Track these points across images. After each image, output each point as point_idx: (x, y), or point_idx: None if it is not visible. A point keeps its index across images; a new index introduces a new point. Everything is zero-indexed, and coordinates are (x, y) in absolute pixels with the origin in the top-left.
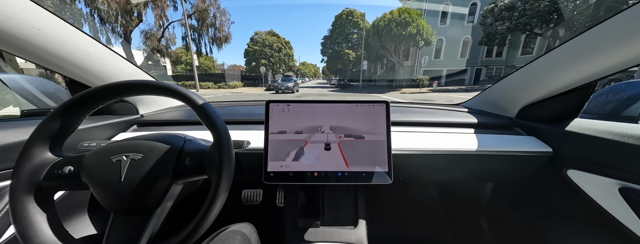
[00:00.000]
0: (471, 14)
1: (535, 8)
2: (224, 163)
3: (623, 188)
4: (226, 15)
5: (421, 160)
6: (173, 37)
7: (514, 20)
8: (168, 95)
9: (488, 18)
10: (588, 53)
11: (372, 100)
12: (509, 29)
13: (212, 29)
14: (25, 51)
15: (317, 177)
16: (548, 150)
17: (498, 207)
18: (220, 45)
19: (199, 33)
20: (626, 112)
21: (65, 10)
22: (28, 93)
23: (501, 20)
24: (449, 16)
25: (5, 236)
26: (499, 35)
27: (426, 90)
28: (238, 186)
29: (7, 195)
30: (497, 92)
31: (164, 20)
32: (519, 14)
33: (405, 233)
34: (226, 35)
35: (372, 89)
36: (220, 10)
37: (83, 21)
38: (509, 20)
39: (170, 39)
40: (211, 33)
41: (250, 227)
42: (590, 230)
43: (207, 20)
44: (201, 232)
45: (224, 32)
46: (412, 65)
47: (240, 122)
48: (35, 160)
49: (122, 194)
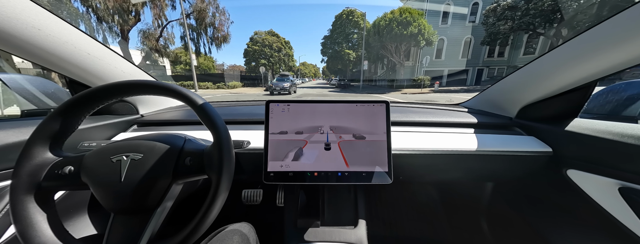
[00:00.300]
0: (473, 14)
1: (539, 7)
2: (224, 163)
3: (623, 188)
4: (225, 14)
5: (421, 160)
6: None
7: (516, 19)
8: (168, 95)
9: (490, 17)
10: (588, 53)
11: (372, 100)
12: (511, 29)
13: (211, 28)
14: (25, 51)
15: (317, 177)
16: (548, 149)
17: (498, 207)
18: (219, 45)
19: (198, 32)
20: (626, 111)
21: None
22: (28, 93)
23: (503, 19)
24: (450, 16)
25: (5, 236)
26: (501, 35)
27: (428, 91)
28: (238, 186)
29: (7, 195)
30: (497, 92)
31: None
32: (522, 13)
33: (405, 232)
34: (225, 35)
35: (372, 89)
36: (219, 10)
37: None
38: (512, 20)
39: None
40: (210, 32)
41: (249, 227)
42: (590, 230)
43: (206, 20)
44: (201, 232)
45: (223, 32)
46: (413, 66)
47: (240, 121)
48: (35, 159)
49: (122, 194)
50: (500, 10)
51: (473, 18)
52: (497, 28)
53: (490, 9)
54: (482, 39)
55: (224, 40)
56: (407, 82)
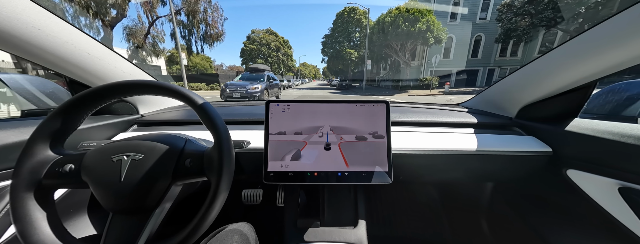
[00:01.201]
0: (484, 10)
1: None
2: (224, 165)
3: (623, 188)
4: (219, 10)
5: (421, 160)
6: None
7: (538, 13)
8: (168, 95)
9: (506, 13)
10: (588, 53)
11: (372, 100)
12: (532, 24)
13: (203, 25)
14: (25, 51)
15: (317, 177)
16: (548, 149)
17: (498, 207)
18: (212, 43)
19: (189, 30)
20: (626, 111)
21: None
22: (28, 93)
23: (522, 14)
24: (459, 12)
25: (5, 236)
26: (520, 31)
27: (437, 92)
28: (238, 186)
29: (7, 195)
30: (497, 92)
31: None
32: (544, 6)
33: (405, 233)
34: (219, 33)
35: (376, 91)
36: (212, 6)
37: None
38: (530, 15)
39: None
40: (202, 30)
41: (249, 226)
42: (590, 230)
43: (198, 16)
44: (200, 233)
45: (216, 29)
46: (419, 65)
47: (241, 121)
48: (36, 157)
49: (122, 194)
50: (519, 4)
51: (484, 14)
52: (514, 24)
53: (506, 4)
54: (497, 36)
55: (218, 38)
56: (413, 82)
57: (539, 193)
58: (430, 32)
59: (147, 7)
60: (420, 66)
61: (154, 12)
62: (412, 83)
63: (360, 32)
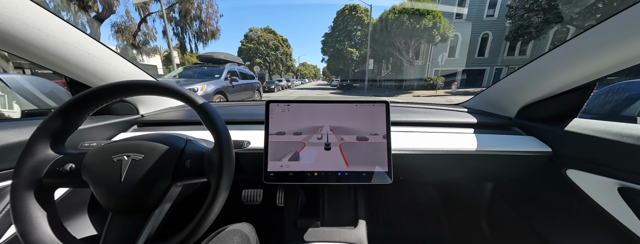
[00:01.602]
0: (491, 7)
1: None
2: (224, 166)
3: (622, 188)
4: (213, 6)
5: (421, 160)
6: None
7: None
8: (168, 95)
9: (518, 9)
10: (588, 53)
11: (372, 100)
12: (546, 20)
13: (197, 22)
14: (25, 51)
15: (317, 177)
16: (547, 149)
17: (498, 207)
18: (206, 41)
19: (182, 27)
20: (625, 111)
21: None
22: (28, 93)
23: (535, 11)
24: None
25: (5, 237)
26: (532, 27)
27: (443, 93)
28: (238, 186)
29: (7, 195)
30: (497, 92)
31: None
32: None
33: (405, 233)
34: (214, 30)
35: (378, 91)
36: (206, 1)
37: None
38: (543, 11)
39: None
40: (196, 27)
41: (249, 227)
42: (590, 230)
43: (191, 12)
44: (200, 233)
45: (211, 26)
46: (423, 65)
47: (241, 121)
48: (37, 156)
49: (122, 194)
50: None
51: (492, 11)
52: (526, 21)
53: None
54: (507, 34)
55: (213, 36)
56: (417, 82)
57: (538, 193)
58: (436, 30)
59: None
60: (425, 65)
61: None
62: (417, 83)
63: (361, 31)
